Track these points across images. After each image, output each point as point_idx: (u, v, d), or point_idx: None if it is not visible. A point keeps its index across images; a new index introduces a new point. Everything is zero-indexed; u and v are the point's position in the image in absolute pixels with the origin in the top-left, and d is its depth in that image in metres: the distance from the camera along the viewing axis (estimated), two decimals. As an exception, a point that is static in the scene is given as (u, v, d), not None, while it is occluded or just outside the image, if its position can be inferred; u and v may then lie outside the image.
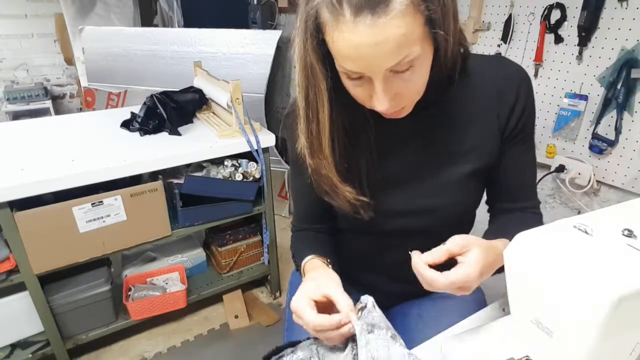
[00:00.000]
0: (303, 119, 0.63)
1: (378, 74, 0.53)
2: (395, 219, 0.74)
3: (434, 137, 0.70)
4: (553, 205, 1.62)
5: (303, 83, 0.59)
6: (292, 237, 0.88)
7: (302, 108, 0.62)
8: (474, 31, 1.69)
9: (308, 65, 0.57)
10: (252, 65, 2.19)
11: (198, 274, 1.96)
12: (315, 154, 0.65)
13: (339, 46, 0.51)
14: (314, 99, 0.60)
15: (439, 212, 0.73)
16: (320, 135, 0.63)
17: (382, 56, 0.50)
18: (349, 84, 0.58)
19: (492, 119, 0.68)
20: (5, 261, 1.34)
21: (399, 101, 0.58)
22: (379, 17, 0.47)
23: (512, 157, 0.72)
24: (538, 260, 0.48)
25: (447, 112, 0.69)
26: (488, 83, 0.67)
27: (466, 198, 0.74)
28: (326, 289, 0.60)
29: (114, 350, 1.73)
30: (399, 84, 0.55)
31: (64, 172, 1.33)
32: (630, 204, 0.57)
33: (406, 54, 0.51)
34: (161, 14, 2.98)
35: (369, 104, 0.59)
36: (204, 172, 1.64)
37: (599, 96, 1.35)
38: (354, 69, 0.53)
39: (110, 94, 2.98)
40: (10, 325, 1.46)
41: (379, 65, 0.51)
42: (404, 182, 0.72)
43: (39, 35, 3.36)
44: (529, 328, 0.50)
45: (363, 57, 0.51)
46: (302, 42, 0.55)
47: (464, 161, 0.70)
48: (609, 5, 1.27)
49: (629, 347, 0.46)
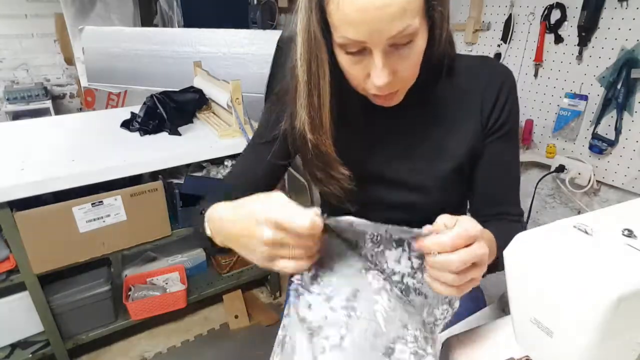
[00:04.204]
0: (304, 92, 0.62)
1: (379, 45, 0.53)
2: (378, 211, 0.74)
3: (419, 133, 0.70)
4: (553, 205, 1.62)
5: (305, 55, 0.59)
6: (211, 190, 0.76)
7: (304, 82, 0.61)
8: (474, 31, 1.69)
9: (312, 36, 0.57)
10: (252, 65, 2.19)
11: (198, 274, 1.96)
12: (316, 129, 0.64)
13: (344, 10, 0.51)
14: (315, 71, 0.59)
15: (421, 207, 0.73)
16: (322, 108, 0.63)
17: (386, 20, 0.51)
18: (347, 60, 0.58)
19: (476, 116, 0.69)
20: (5, 261, 1.34)
21: (395, 80, 0.58)
22: None
23: (490, 154, 0.71)
24: (538, 260, 0.48)
25: (433, 110, 0.69)
26: (473, 82, 0.68)
27: (449, 195, 0.74)
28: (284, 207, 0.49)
29: (114, 350, 1.73)
30: (396, 60, 0.56)
31: (64, 172, 1.33)
32: (630, 204, 0.57)
33: (408, 22, 0.52)
34: (161, 14, 2.98)
35: (364, 86, 0.60)
36: (204, 172, 1.64)
37: (599, 96, 1.35)
38: (356, 36, 0.53)
39: (110, 94, 2.98)
40: (10, 325, 1.47)
41: (382, 31, 0.52)
42: (388, 176, 0.73)
43: (39, 35, 3.36)
44: (529, 328, 0.50)
45: (368, 22, 0.51)
46: (306, 12, 0.56)
47: (449, 158, 0.70)
48: (609, 5, 1.27)
49: (629, 347, 0.46)
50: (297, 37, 0.59)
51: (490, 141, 0.70)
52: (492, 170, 0.72)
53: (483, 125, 0.69)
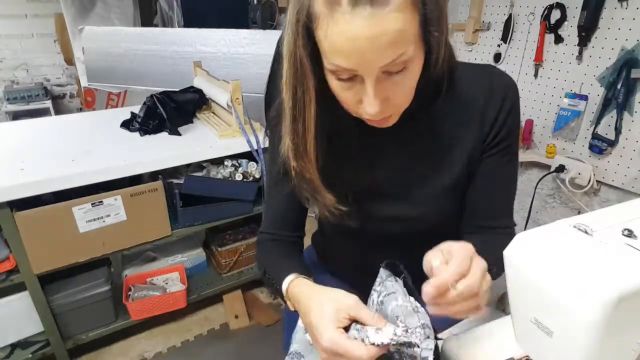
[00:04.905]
0: (289, 118, 0.60)
1: (371, 73, 0.51)
2: (377, 224, 0.74)
3: (418, 148, 0.69)
4: (553, 205, 1.62)
5: (291, 80, 0.57)
6: (259, 250, 0.80)
7: (289, 108, 0.59)
8: (474, 31, 1.69)
9: (297, 62, 0.54)
10: (252, 65, 2.19)
11: (198, 274, 1.96)
12: (300, 156, 0.63)
13: (333, 39, 0.49)
14: (301, 97, 0.57)
15: (420, 220, 0.72)
16: (306, 135, 0.60)
17: (378, 51, 0.48)
18: (338, 86, 0.55)
19: (476, 131, 0.67)
20: (5, 261, 1.34)
21: (387, 107, 0.56)
22: (378, 9, 0.46)
23: (490, 169, 0.69)
24: (538, 260, 0.48)
25: (432, 124, 0.67)
26: (474, 95, 0.65)
27: (446, 208, 0.73)
28: (354, 310, 0.54)
29: (114, 350, 1.73)
30: (389, 87, 0.53)
31: (64, 172, 1.33)
32: (630, 204, 0.57)
33: (402, 51, 0.49)
34: (161, 14, 2.98)
35: (356, 110, 0.57)
36: (204, 172, 1.64)
37: (599, 96, 1.35)
38: (346, 65, 0.50)
39: (110, 94, 2.99)
40: (10, 325, 1.46)
41: (373, 61, 0.49)
42: (386, 191, 0.72)
43: (39, 35, 3.37)
44: (529, 328, 0.50)
45: (358, 51, 0.48)
46: (293, 37, 0.53)
47: (447, 172, 0.69)
48: (609, 5, 1.27)
49: (629, 347, 0.46)
50: (284, 59, 0.56)
51: (489, 155, 0.68)
52: (488, 184, 0.71)
53: (483, 140, 0.67)
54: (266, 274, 0.74)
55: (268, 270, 0.74)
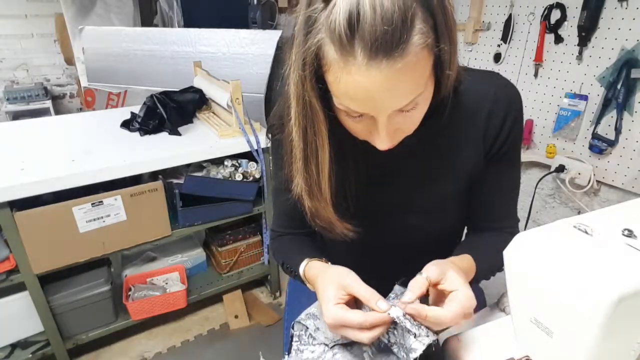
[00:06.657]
0: (300, 159, 0.58)
1: (383, 115, 0.51)
2: (380, 235, 0.75)
3: (423, 160, 0.69)
4: (553, 205, 1.62)
5: (300, 122, 0.55)
6: (273, 243, 0.83)
7: (300, 149, 0.57)
8: (474, 31, 1.69)
9: (307, 104, 0.52)
10: (252, 65, 2.19)
11: (198, 274, 1.96)
12: (314, 197, 0.62)
13: (346, 87, 0.47)
14: (312, 140, 0.56)
15: (422, 229, 0.74)
16: (320, 177, 0.59)
17: (392, 99, 0.48)
18: (348, 120, 0.55)
19: (479, 140, 0.67)
20: (5, 261, 1.34)
21: (397, 137, 0.56)
22: (395, 62, 0.44)
23: (493, 176, 0.70)
24: (538, 260, 0.48)
25: (437, 136, 0.66)
26: (478, 105, 0.65)
27: (449, 216, 0.74)
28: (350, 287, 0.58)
29: (114, 350, 1.73)
30: (400, 121, 0.53)
31: (64, 172, 1.33)
32: (630, 204, 0.57)
33: (416, 95, 0.49)
34: (161, 14, 2.98)
35: (366, 138, 0.57)
36: (204, 172, 1.64)
37: (599, 96, 1.35)
38: (359, 109, 0.50)
39: (110, 94, 2.98)
40: (10, 325, 1.46)
41: (387, 107, 0.49)
42: (390, 203, 0.72)
43: (39, 35, 3.36)
44: (529, 328, 0.50)
45: (371, 100, 0.48)
46: (299, 80, 0.51)
47: (452, 182, 0.69)
48: (609, 5, 1.27)
49: (629, 347, 0.46)
50: (290, 99, 0.54)
51: (493, 164, 0.69)
52: (492, 190, 0.72)
53: (486, 150, 0.67)
54: (284, 264, 0.78)
55: (285, 260, 0.78)
